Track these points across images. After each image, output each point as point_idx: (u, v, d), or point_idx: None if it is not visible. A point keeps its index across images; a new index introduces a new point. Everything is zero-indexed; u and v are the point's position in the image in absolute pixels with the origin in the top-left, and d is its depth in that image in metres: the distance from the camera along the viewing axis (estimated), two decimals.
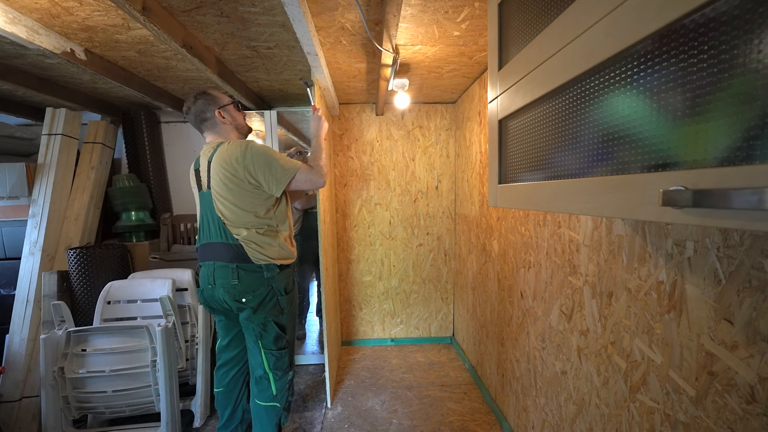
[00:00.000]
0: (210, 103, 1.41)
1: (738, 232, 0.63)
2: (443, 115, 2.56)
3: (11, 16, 1.28)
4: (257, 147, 1.33)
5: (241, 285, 1.35)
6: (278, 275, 1.39)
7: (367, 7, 1.26)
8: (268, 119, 2.25)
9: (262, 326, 1.39)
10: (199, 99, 1.40)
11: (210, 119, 1.42)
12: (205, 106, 1.40)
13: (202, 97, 1.41)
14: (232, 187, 1.32)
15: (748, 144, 0.34)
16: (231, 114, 1.44)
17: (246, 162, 1.31)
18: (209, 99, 1.41)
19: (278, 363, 1.43)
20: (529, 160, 0.76)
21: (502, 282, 1.77)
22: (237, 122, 1.47)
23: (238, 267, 1.35)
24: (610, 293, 0.98)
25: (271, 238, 1.38)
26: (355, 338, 2.79)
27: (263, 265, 1.36)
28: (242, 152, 1.31)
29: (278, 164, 1.33)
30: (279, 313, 1.41)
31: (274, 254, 1.38)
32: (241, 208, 1.34)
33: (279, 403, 1.46)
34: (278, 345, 1.42)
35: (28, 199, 2.11)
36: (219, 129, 1.44)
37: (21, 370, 1.89)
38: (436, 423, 1.83)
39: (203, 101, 1.40)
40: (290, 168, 1.35)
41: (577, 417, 1.15)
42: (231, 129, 1.45)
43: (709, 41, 0.37)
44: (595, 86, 0.55)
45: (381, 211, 2.64)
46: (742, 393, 0.63)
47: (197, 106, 1.40)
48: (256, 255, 1.35)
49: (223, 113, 1.42)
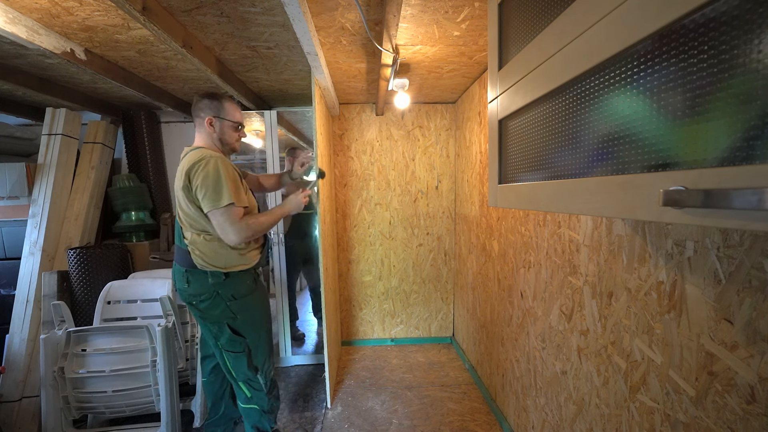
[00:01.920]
0: (210, 108, 1.37)
1: (738, 232, 0.63)
2: (443, 115, 2.56)
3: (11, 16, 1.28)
4: (209, 166, 1.26)
5: (190, 289, 1.38)
6: (225, 282, 1.37)
7: (367, 7, 1.26)
8: (268, 119, 2.25)
9: (217, 328, 1.40)
10: (204, 98, 1.38)
11: (199, 120, 1.38)
12: (204, 107, 1.37)
13: (208, 98, 1.38)
14: (181, 195, 1.31)
15: (748, 144, 0.34)
16: (221, 128, 1.38)
17: (192, 174, 1.27)
18: (212, 104, 1.37)
19: (237, 364, 1.44)
20: (529, 160, 0.76)
21: (502, 282, 1.77)
22: (223, 137, 1.40)
23: (187, 271, 1.38)
24: (610, 293, 0.98)
25: (217, 245, 1.35)
26: (355, 338, 2.78)
27: (208, 272, 1.36)
28: (194, 164, 1.26)
29: (214, 191, 1.25)
30: (230, 318, 1.40)
31: (219, 263, 1.35)
32: (188, 215, 1.33)
33: (257, 406, 1.48)
34: (234, 348, 1.41)
35: (28, 199, 2.11)
36: (201, 133, 1.40)
37: (21, 370, 1.89)
38: (436, 423, 1.83)
39: (207, 102, 1.37)
40: (218, 201, 1.25)
41: (577, 417, 1.15)
42: (212, 139, 1.40)
43: (709, 41, 0.37)
44: (595, 86, 0.55)
45: (381, 211, 2.64)
46: (742, 393, 0.63)
47: (200, 102, 1.38)
48: (199, 261, 1.35)
49: (213, 123, 1.37)
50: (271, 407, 1.52)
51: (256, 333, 1.47)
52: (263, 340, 1.50)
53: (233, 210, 1.28)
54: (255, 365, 1.47)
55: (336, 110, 2.42)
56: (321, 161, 1.90)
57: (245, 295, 1.42)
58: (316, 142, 1.83)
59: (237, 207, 1.29)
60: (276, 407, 1.56)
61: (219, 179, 1.26)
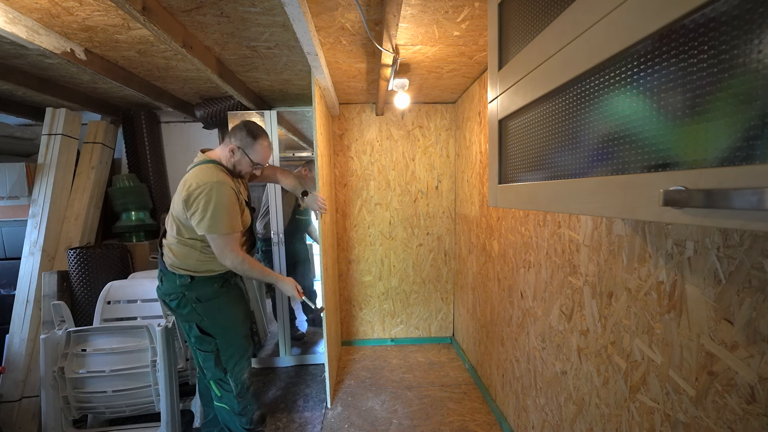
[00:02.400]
0: (242, 140, 1.40)
1: (738, 232, 0.63)
2: (443, 115, 2.56)
3: (11, 16, 1.28)
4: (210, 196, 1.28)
5: (162, 287, 1.44)
6: (190, 284, 1.38)
7: (367, 7, 1.26)
8: (268, 119, 2.25)
9: (188, 326, 1.44)
10: (244, 129, 1.41)
11: (227, 140, 1.43)
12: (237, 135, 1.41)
13: (246, 131, 1.41)
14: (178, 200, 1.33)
15: (748, 144, 0.34)
16: (240, 160, 1.42)
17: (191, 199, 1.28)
18: (245, 138, 1.40)
19: (206, 363, 1.46)
20: (530, 160, 0.76)
21: (502, 282, 1.77)
22: (237, 166, 1.44)
23: (161, 270, 1.43)
24: (610, 293, 0.98)
25: (190, 249, 1.37)
26: (355, 338, 2.78)
27: (176, 273, 1.38)
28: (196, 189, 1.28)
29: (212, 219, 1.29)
30: (198, 319, 1.41)
31: (188, 266, 1.38)
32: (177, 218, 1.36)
33: (227, 406, 1.49)
34: (203, 347, 1.44)
35: (28, 199, 2.11)
36: (223, 150, 1.44)
37: (21, 370, 1.89)
38: (436, 423, 1.83)
39: (243, 134, 1.40)
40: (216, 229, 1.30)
41: (577, 417, 1.15)
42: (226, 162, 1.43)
43: (709, 41, 0.37)
44: (595, 86, 0.55)
45: (381, 211, 2.64)
46: (742, 393, 0.63)
47: (238, 130, 1.41)
48: (168, 261, 1.39)
49: (234, 152, 1.40)
50: (243, 409, 1.50)
51: (225, 335, 1.46)
52: (233, 343, 1.47)
53: (232, 237, 1.35)
54: (224, 366, 1.46)
55: (336, 110, 2.42)
56: (321, 161, 1.90)
57: (211, 299, 1.42)
58: (316, 142, 1.83)
59: (235, 234, 1.35)
60: (250, 410, 1.53)
61: (218, 209, 1.29)
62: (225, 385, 1.48)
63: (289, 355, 2.45)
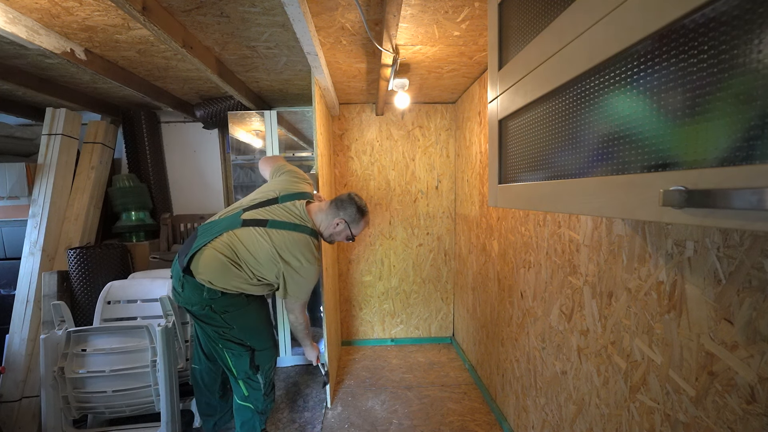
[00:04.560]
0: (352, 217, 1.47)
1: (738, 232, 0.63)
2: (443, 115, 2.56)
3: (11, 16, 1.28)
4: (310, 274, 1.40)
5: (183, 294, 1.36)
6: (220, 299, 1.35)
7: (367, 7, 1.26)
8: (268, 119, 2.25)
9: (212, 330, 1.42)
10: (358, 208, 1.48)
11: (335, 211, 1.47)
12: (349, 210, 1.47)
13: (359, 211, 1.49)
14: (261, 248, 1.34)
15: (748, 144, 0.34)
16: (340, 232, 1.50)
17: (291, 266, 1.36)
18: (355, 216, 1.48)
19: (238, 362, 1.45)
20: (529, 160, 0.76)
21: (502, 282, 1.77)
22: (333, 237, 1.52)
23: (184, 276, 1.33)
24: (610, 293, 0.98)
25: (239, 278, 1.34)
26: (355, 338, 2.78)
27: (205, 287, 1.31)
28: (299, 264, 1.37)
29: (299, 290, 1.42)
30: (227, 328, 1.41)
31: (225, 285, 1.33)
32: (253, 255, 1.34)
33: (252, 405, 1.50)
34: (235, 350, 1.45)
35: (28, 199, 2.11)
36: (326, 216, 1.48)
37: (21, 370, 1.89)
38: (436, 423, 1.83)
39: (355, 212, 1.47)
40: (299, 298, 1.46)
41: (577, 417, 1.15)
42: (326, 228, 1.49)
43: (709, 41, 0.37)
44: (595, 86, 0.55)
45: (381, 211, 2.64)
46: (742, 393, 0.63)
47: (351, 206, 1.47)
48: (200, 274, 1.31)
49: (340, 225, 1.47)
50: (265, 408, 1.55)
51: (257, 336, 1.49)
52: (267, 342, 1.53)
53: (306, 301, 1.50)
54: (257, 364, 1.49)
55: (336, 110, 2.42)
56: (321, 161, 1.90)
57: (240, 307, 1.42)
58: (316, 142, 1.83)
59: (304, 301, 1.49)
60: (269, 409, 1.58)
61: (307, 286, 1.43)
62: (254, 383, 1.50)
63: (289, 355, 2.45)
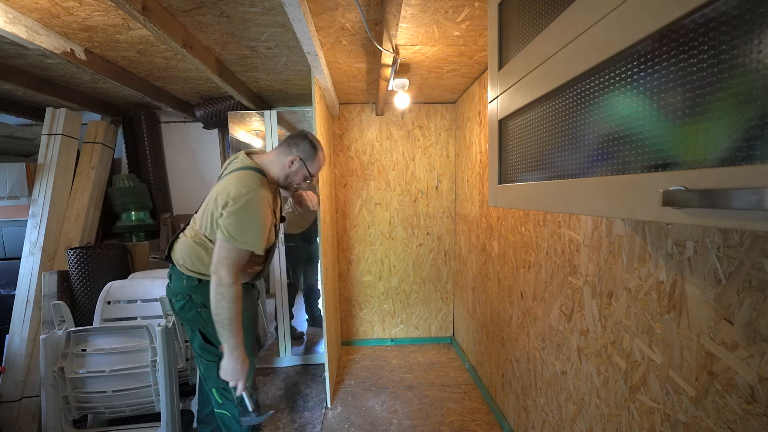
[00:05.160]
0: (304, 151, 1.36)
1: (738, 232, 0.63)
2: (443, 115, 2.56)
3: (11, 16, 1.28)
4: (252, 206, 1.19)
5: (170, 285, 1.36)
6: (197, 287, 1.29)
7: (367, 7, 1.26)
8: (268, 119, 2.25)
9: (191, 331, 1.36)
10: (307, 141, 1.37)
11: (285, 150, 1.36)
12: (300, 146, 1.35)
13: (309, 143, 1.37)
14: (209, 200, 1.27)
15: (748, 144, 0.34)
16: (298, 171, 1.37)
17: (228, 200, 1.19)
18: (308, 150, 1.36)
19: (208, 372, 1.36)
20: (529, 160, 0.76)
21: (502, 282, 1.77)
22: (291, 178, 1.38)
23: (171, 267, 1.34)
24: (610, 293, 0.98)
25: (202, 251, 1.27)
26: (355, 338, 2.78)
27: (184, 275, 1.30)
28: (237, 193, 1.18)
29: (238, 228, 1.17)
30: (202, 324, 1.32)
31: (196, 268, 1.28)
32: (201, 217, 1.28)
33: (228, 413, 1.40)
34: (206, 355, 1.34)
35: (28, 199, 2.11)
36: (277, 159, 1.36)
37: (21, 370, 1.89)
38: (436, 423, 1.83)
39: (306, 145, 1.36)
40: (236, 240, 1.17)
41: (577, 417, 1.15)
42: (279, 172, 1.36)
43: (709, 41, 0.37)
44: (595, 86, 0.55)
45: (381, 211, 2.64)
46: (742, 393, 0.63)
47: (301, 140, 1.36)
48: (178, 260, 1.30)
49: (295, 163, 1.35)
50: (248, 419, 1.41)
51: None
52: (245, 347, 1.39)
53: (243, 254, 1.20)
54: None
55: (336, 110, 2.42)
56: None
57: None
58: None
59: (247, 254, 1.21)
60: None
61: (249, 222, 1.18)
62: (227, 393, 1.40)
63: (289, 355, 2.45)
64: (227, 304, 1.16)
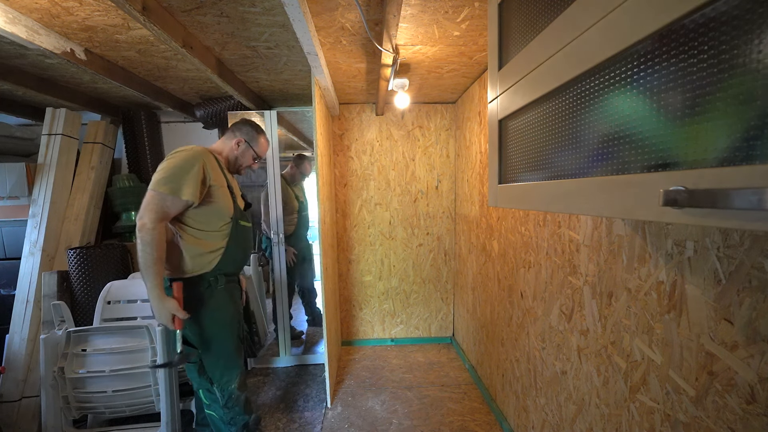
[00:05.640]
0: (248, 134, 1.45)
1: (738, 232, 0.63)
2: (443, 115, 2.56)
3: (11, 16, 1.28)
4: (182, 156, 1.24)
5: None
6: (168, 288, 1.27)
7: (367, 7, 1.26)
8: (268, 119, 2.25)
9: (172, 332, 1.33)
10: (248, 125, 1.46)
11: (231, 135, 1.45)
12: (243, 130, 1.45)
13: (251, 127, 1.46)
14: None
15: (748, 144, 0.34)
16: (244, 152, 1.46)
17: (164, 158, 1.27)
18: (251, 132, 1.45)
19: (190, 373, 1.40)
20: (529, 160, 0.76)
21: (502, 282, 1.77)
22: (239, 159, 1.46)
23: None
24: (610, 293, 0.98)
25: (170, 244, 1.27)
26: (355, 338, 2.78)
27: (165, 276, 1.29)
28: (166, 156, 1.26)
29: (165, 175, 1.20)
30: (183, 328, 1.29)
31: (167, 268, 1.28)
32: None
33: (215, 414, 1.43)
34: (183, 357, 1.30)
35: (28, 199, 2.11)
36: (222, 145, 1.45)
37: (21, 370, 1.89)
38: (436, 423, 1.83)
39: (248, 129, 1.46)
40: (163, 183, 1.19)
41: (577, 417, 1.15)
42: (229, 154, 1.44)
43: (709, 41, 0.37)
44: (595, 86, 0.55)
45: (381, 211, 2.64)
46: (742, 393, 0.63)
47: (243, 125, 1.46)
48: None
49: (240, 144, 1.44)
50: (231, 420, 1.41)
51: (209, 346, 1.35)
52: (219, 354, 1.36)
53: (167, 202, 1.19)
54: (209, 377, 1.37)
55: (336, 110, 2.42)
56: (321, 161, 1.90)
57: (193, 308, 1.29)
58: (316, 142, 1.83)
59: (174, 199, 1.20)
60: (240, 420, 1.43)
61: (177, 170, 1.21)
62: (211, 395, 1.41)
63: (289, 355, 2.45)
64: (147, 247, 1.17)
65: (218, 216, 1.34)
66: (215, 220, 1.33)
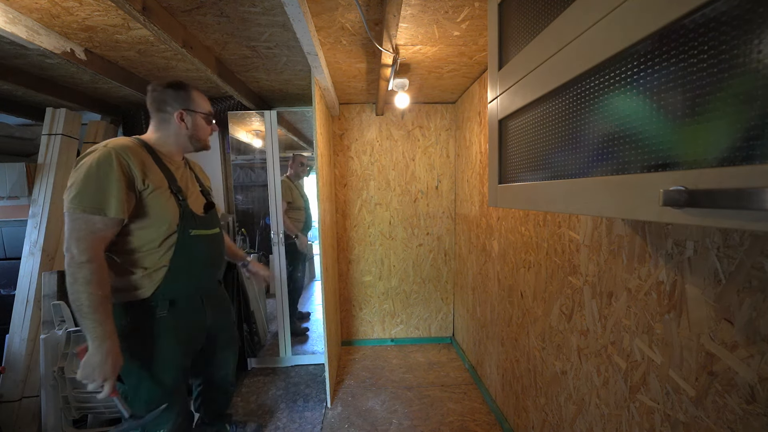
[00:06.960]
0: (177, 99, 1.14)
1: (738, 232, 0.63)
2: (443, 115, 2.56)
3: (11, 16, 1.28)
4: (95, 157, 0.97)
5: None
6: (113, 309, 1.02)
7: (367, 7, 1.26)
8: (268, 119, 2.25)
9: None
10: (169, 89, 1.14)
11: (163, 116, 1.15)
12: (170, 100, 1.13)
13: (173, 89, 1.14)
14: None
15: (748, 144, 0.34)
16: (194, 123, 1.17)
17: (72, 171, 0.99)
18: (178, 95, 1.14)
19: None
20: (529, 160, 0.76)
21: (502, 282, 1.77)
22: (196, 132, 1.18)
23: None
24: (610, 293, 0.98)
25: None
26: (355, 338, 2.78)
27: None
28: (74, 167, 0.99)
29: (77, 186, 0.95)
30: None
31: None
32: None
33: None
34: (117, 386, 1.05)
35: (28, 199, 2.11)
36: (159, 131, 1.16)
37: (21, 370, 1.89)
38: (436, 423, 1.83)
39: (172, 93, 1.14)
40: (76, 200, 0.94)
41: (577, 417, 1.15)
42: (177, 137, 1.17)
43: (709, 41, 0.37)
44: (595, 86, 0.55)
45: (381, 211, 2.64)
46: (742, 393, 0.63)
47: (162, 94, 1.14)
48: None
49: (185, 117, 1.15)
50: None
51: (132, 381, 1.09)
52: (144, 389, 1.10)
53: (90, 223, 0.94)
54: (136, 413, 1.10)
55: (336, 110, 2.42)
56: (321, 161, 1.90)
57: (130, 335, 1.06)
58: (316, 142, 1.84)
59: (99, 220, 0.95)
60: None
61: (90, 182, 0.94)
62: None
63: (289, 355, 2.45)
64: (81, 287, 0.92)
65: (155, 228, 1.06)
66: (150, 233, 1.06)
